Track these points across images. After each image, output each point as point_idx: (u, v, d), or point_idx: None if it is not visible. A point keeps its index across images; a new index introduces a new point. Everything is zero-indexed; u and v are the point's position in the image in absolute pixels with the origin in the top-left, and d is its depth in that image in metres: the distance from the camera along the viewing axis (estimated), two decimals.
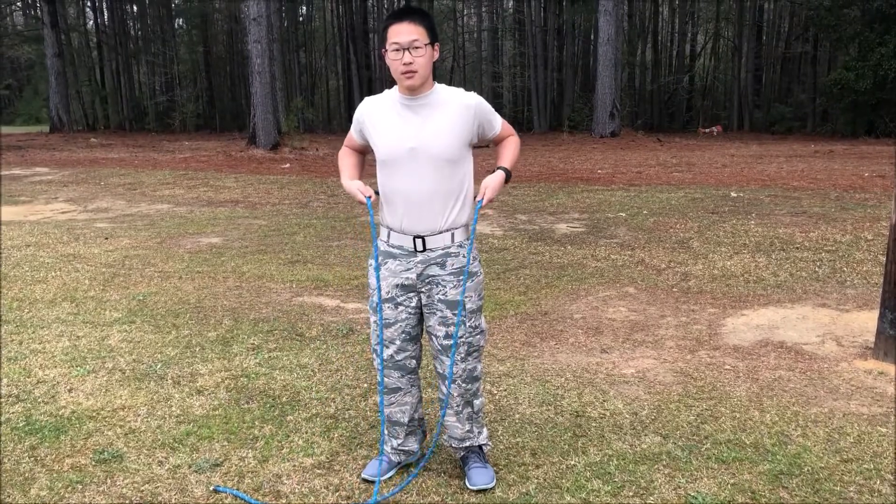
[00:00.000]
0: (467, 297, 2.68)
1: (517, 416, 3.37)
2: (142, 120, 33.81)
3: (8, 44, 35.12)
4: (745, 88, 28.88)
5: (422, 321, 2.78)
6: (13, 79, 43.89)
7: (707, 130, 26.34)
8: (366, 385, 3.73)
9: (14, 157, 17.69)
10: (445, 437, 2.89)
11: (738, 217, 8.19)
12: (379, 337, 2.75)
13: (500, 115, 2.81)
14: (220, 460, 2.97)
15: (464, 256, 2.67)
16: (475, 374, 2.79)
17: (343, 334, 4.56)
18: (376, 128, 2.66)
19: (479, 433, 2.85)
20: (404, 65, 2.52)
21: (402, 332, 2.74)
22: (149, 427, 3.27)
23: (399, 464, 2.93)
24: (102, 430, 3.24)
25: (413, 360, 2.81)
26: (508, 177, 2.68)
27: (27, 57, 39.80)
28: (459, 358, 2.72)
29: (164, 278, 6.02)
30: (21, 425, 3.28)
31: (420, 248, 2.64)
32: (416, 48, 2.51)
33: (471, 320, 2.70)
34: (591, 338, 4.49)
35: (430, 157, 2.57)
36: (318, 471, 2.90)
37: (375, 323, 2.76)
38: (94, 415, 3.40)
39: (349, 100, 32.70)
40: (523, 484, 2.78)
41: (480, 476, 2.75)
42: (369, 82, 31.56)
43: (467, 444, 2.84)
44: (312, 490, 2.76)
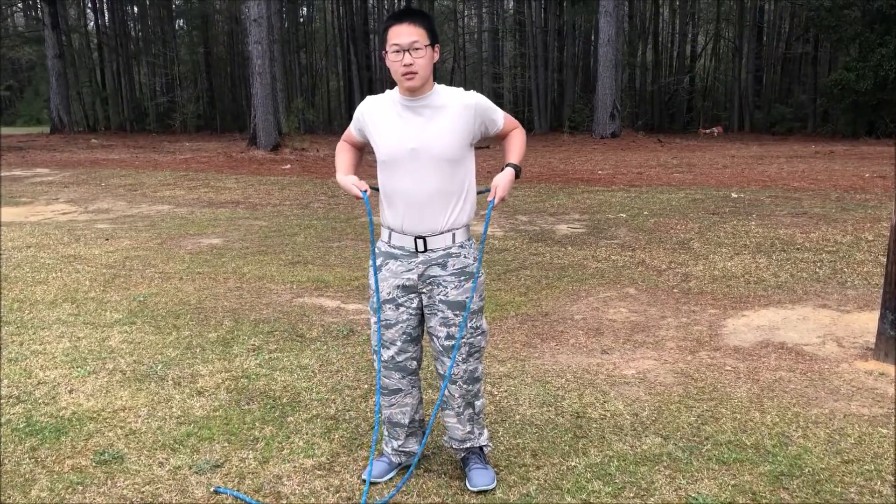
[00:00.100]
0: (469, 297, 2.68)
1: (518, 417, 3.37)
2: (142, 121, 33.82)
3: (9, 45, 35.15)
4: (745, 89, 28.88)
5: (423, 322, 2.78)
6: (14, 80, 43.91)
7: (708, 131, 26.34)
8: (366, 386, 3.73)
9: (15, 158, 17.70)
10: (446, 438, 2.89)
11: (739, 218, 8.19)
12: (377, 337, 2.76)
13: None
14: (221, 461, 2.98)
15: (465, 257, 2.67)
16: (476, 374, 2.79)
17: (344, 335, 4.56)
18: (377, 128, 2.66)
19: (479, 434, 2.85)
20: (404, 66, 2.51)
21: (403, 333, 2.74)
22: (149, 428, 3.27)
23: (399, 465, 2.93)
24: (103, 431, 3.24)
25: (414, 362, 2.82)
26: (518, 172, 2.66)
27: (28, 58, 39.85)
28: (461, 359, 2.72)
29: (164, 279, 6.02)
30: (21, 426, 3.29)
31: (421, 248, 2.64)
32: (417, 49, 2.51)
33: (472, 321, 2.70)
34: (592, 339, 4.48)
35: (431, 158, 2.57)
36: (319, 472, 2.90)
37: (376, 324, 2.77)
38: (95, 416, 3.40)
39: (350, 101, 32.71)
40: (524, 485, 2.78)
41: (481, 477, 2.75)
42: (370, 83, 31.56)
43: (468, 445, 2.84)
44: (313, 491, 2.76)
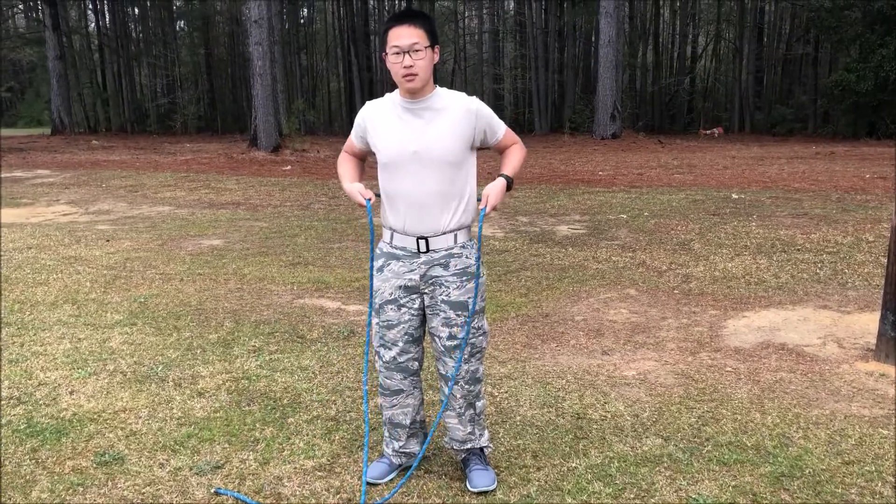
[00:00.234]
0: (470, 297, 2.68)
1: (518, 418, 3.37)
2: (143, 122, 33.86)
3: (10, 46, 35.17)
4: (746, 90, 28.89)
5: (424, 323, 2.78)
6: (15, 81, 43.94)
7: (708, 132, 26.35)
8: (367, 387, 3.72)
9: (16, 159, 17.71)
10: (447, 439, 2.90)
11: (740, 219, 8.19)
12: (367, 335, 2.79)
13: (502, 118, 2.80)
14: (221, 462, 2.98)
15: (467, 257, 2.68)
16: (477, 375, 2.79)
17: (344, 336, 4.56)
18: (378, 131, 2.66)
19: (480, 435, 2.86)
20: (405, 68, 2.52)
21: (405, 333, 2.74)
22: (150, 429, 3.27)
23: (400, 466, 2.93)
24: (103, 433, 3.24)
25: (415, 363, 2.82)
26: (510, 184, 2.66)
27: (29, 59, 39.85)
28: (463, 359, 2.72)
29: (165, 280, 6.02)
30: (22, 427, 3.29)
31: (423, 249, 2.65)
32: (417, 51, 2.52)
33: (474, 321, 2.71)
34: (593, 340, 4.48)
35: (433, 160, 2.58)
36: (319, 473, 2.90)
37: (377, 324, 2.77)
38: (96, 417, 3.40)
39: (350, 102, 32.74)
40: (524, 486, 2.78)
41: (482, 478, 2.75)
42: (370, 84, 31.60)
43: (468, 446, 2.84)
44: (313, 492, 2.77)
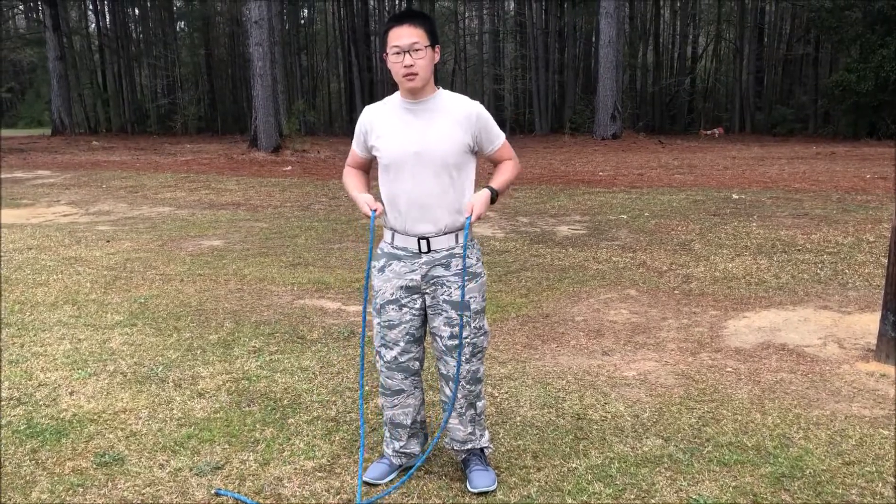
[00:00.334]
0: (472, 297, 2.69)
1: (518, 418, 3.37)
2: (143, 123, 33.87)
3: (10, 47, 35.17)
4: (746, 90, 28.89)
5: (425, 323, 2.79)
6: (15, 82, 43.93)
7: (709, 132, 26.35)
8: (367, 388, 3.73)
9: (16, 159, 17.72)
10: (447, 439, 2.90)
11: (740, 219, 8.19)
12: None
13: (503, 118, 2.80)
14: (222, 463, 2.98)
15: (468, 257, 2.69)
16: (478, 375, 2.80)
17: (344, 337, 4.56)
18: (380, 133, 2.67)
19: (480, 436, 2.86)
20: (405, 67, 2.53)
21: (406, 333, 2.75)
22: (150, 430, 3.27)
23: (400, 467, 2.93)
24: (103, 433, 3.24)
25: (416, 363, 2.82)
26: (495, 197, 2.64)
27: (29, 60, 39.85)
28: (464, 359, 2.72)
29: (165, 281, 6.02)
30: (22, 428, 3.29)
31: (424, 249, 2.65)
32: (417, 50, 2.52)
33: (475, 321, 2.72)
34: (593, 340, 4.48)
35: (434, 161, 2.59)
36: (320, 474, 2.90)
37: (379, 325, 2.77)
38: (96, 418, 3.40)
39: (351, 102, 32.75)
40: (525, 487, 2.78)
41: (482, 479, 2.75)
42: (371, 85, 31.61)
43: (469, 446, 2.84)
44: (314, 493, 2.76)
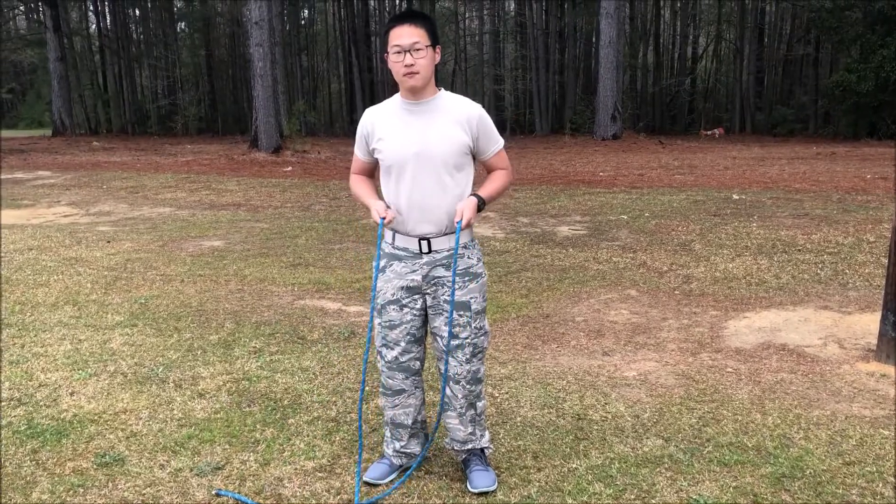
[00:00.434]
0: (472, 298, 2.69)
1: (518, 418, 3.37)
2: (144, 123, 33.88)
3: (11, 48, 35.20)
4: (746, 91, 28.88)
5: (426, 323, 2.79)
6: (16, 83, 43.99)
7: (709, 133, 26.32)
8: (367, 388, 3.73)
9: (17, 160, 17.72)
10: (447, 439, 2.90)
11: (740, 219, 8.18)
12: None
13: (503, 119, 2.80)
14: (222, 463, 2.98)
15: (469, 258, 2.70)
16: (479, 375, 2.80)
17: (345, 337, 4.56)
18: (381, 134, 2.68)
19: (481, 436, 2.86)
20: (406, 66, 2.53)
21: (407, 333, 2.75)
22: (150, 430, 3.27)
23: (400, 467, 2.93)
24: (104, 434, 3.24)
25: (417, 362, 2.83)
26: (482, 206, 2.65)
27: (30, 61, 39.88)
28: (464, 359, 2.73)
29: (165, 281, 6.03)
30: (23, 429, 3.29)
31: (425, 249, 2.66)
32: (418, 50, 2.53)
33: (475, 321, 2.72)
34: (593, 340, 4.48)
35: (435, 161, 2.60)
36: (320, 474, 2.90)
37: (380, 325, 2.78)
38: (96, 418, 3.40)
39: (351, 103, 32.75)
40: (525, 487, 2.78)
41: (482, 479, 2.75)
42: (371, 85, 31.61)
43: (469, 446, 2.84)
44: (314, 493, 2.76)
